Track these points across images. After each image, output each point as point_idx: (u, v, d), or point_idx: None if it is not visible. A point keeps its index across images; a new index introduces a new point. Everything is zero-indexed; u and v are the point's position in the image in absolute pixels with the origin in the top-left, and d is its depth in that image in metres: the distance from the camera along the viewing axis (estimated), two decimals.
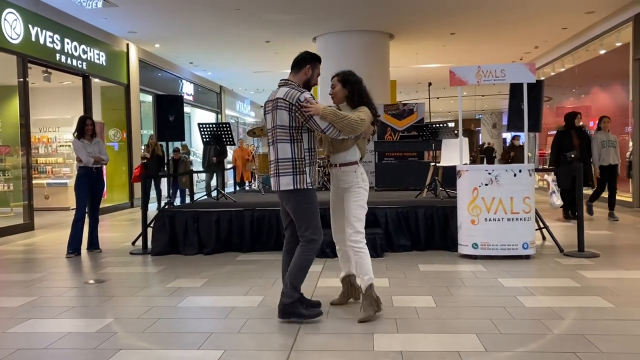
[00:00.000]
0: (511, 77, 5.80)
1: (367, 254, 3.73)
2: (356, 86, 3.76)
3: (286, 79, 3.72)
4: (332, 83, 3.83)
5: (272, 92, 3.74)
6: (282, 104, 3.56)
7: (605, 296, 4.15)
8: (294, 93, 3.56)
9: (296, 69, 3.71)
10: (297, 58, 3.74)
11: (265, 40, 12.94)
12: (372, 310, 3.66)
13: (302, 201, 3.61)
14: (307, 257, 3.63)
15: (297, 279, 3.63)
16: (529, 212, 5.58)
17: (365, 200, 3.79)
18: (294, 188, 3.58)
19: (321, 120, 3.51)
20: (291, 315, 3.61)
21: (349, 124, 3.53)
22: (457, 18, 11.29)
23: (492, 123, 32.22)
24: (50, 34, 9.73)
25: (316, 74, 3.76)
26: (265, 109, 3.78)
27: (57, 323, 3.82)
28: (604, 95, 12.71)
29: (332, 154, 3.80)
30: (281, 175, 3.60)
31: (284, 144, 3.59)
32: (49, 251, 6.94)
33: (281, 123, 3.58)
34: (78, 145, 6.47)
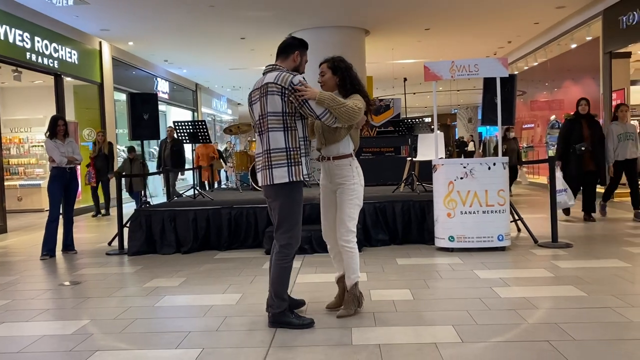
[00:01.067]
0: (484, 72, 5.87)
1: (357, 253, 3.63)
2: (347, 72, 3.55)
3: (273, 64, 3.43)
4: (322, 70, 3.59)
5: (256, 81, 3.46)
6: (274, 89, 3.26)
7: (578, 285, 4.24)
8: (285, 76, 3.28)
9: (283, 55, 3.46)
10: (284, 44, 3.48)
11: (241, 37, 12.86)
12: (353, 307, 3.64)
13: (293, 198, 3.37)
14: (285, 266, 3.43)
15: (281, 288, 3.43)
16: (503, 205, 5.66)
17: (361, 197, 3.62)
18: (289, 180, 3.29)
19: (317, 105, 3.26)
20: (281, 324, 3.44)
21: (347, 112, 3.30)
22: (432, 13, 11.37)
23: (467, 117, 32.57)
24: (20, 32, 9.51)
25: (304, 61, 3.52)
26: (251, 99, 3.48)
27: (31, 326, 3.75)
28: (576, 89, 12.95)
29: (323, 145, 3.56)
30: (274, 167, 3.29)
31: (277, 132, 3.28)
32: (23, 253, 6.82)
33: (273, 109, 3.28)
34: (51, 146, 6.36)
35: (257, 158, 3.46)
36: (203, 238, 6.38)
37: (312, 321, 3.49)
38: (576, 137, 7.49)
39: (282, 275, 3.44)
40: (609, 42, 10.28)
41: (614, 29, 10.01)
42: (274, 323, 3.46)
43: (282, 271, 3.43)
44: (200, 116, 19.69)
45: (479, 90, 6.90)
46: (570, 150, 7.46)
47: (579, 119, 7.67)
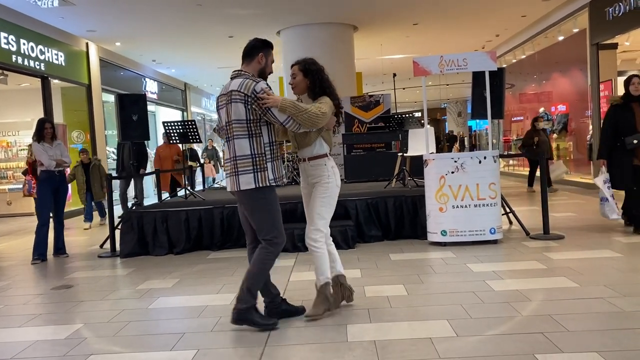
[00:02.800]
0: (473, 66, 5.89)
1: (324, 254, 3.56)
2: (318, 76, 3.54)
3: (239, 69, 3.45)
4: (293, 72, 3.60)
5: (223, 86, 3.47)
6: (237, 96, 3.29)
7: (570, 276, 4.27)
8: (248, 83, 3.29)
9: (248, 59, 3.45)
10: (247, 47, 3.47)
11: (229, 36, 12.80)
12: (322, 308, 3.54)
13: (264, 202, 3.36)
14: (268, 261, 3.39)
15: (255, 284, 3.39)
16: (494, 198, 5.68)
17: (334, 196, 3.57)
18: (255, 187, 3.31)
19: (280, 112, 3.27)
20: (244, 321, 3.36)
21: (309, 118, 3.31)
22: (419, 8, 11.38)
23: (457, 111, 32.70)
24: (5, 35, 9.41)
25: (270, 61, 3.51)
26: (218, 104, 3.51)
27: (23, 332, 3.72)
28: (564, 81, 13.03)
29: (297, 149, 3.61)
30: (240, 173, 3.32)
31: (242, 139, 3.32)
32: (14, 258, 6.76)
33: (237, 117, 3.31)
34: (38, 149, 6.30)
35: (225, 164, 3.48)
36: (195, 238, 6.36)
37: (276, 322, 3.44)
38: (626, 126, 5.74)
39: (262, 272, 3.40)
40: (596, 34, 10.35)
41: (601, 20, 10.08)
42: (237, 320, 3.36)
43: (263, 267, 3.39)
44: (190, 116, 19.60)
45: (469, 84, 6.92)
46: (618, 145, 5.78)
47: (629, 102, 5.85)
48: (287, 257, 5.66)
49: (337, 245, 5.81)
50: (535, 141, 10.21)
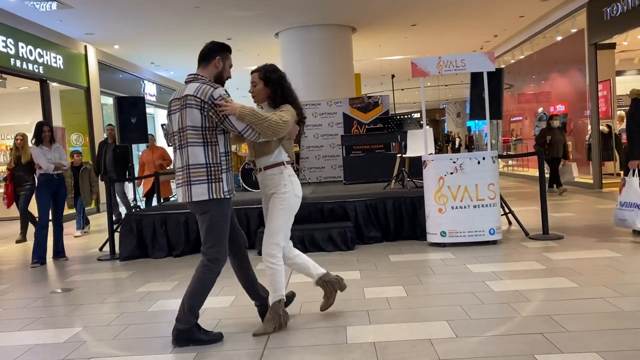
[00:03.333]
0: (471, 67, 5.89)
1: (281, 271, 3.38)
2: (279, 84, 3.39)
3: (194, 73, 3.28)
4: (253, 80, 3.42)
5: (177, 90, 3.31)
6: (193, 102, 3.11)
7: (570, 276, 4.27)
8: (205, 89, 3.12)
9: (204, 62, 3.29)
10: (204, 50, 3.32)
11: (227, 38, 12.79)
12: (272, 325, 3.37)
13: (216, 214, 3.19)
14: (210, 279, 3.25)
15: (197, 303, 3.24)
16: (494, 198, 5.68)
17: (293, 208, 3.40)
18: (209, 198, 3.14)
19: (238, 121, 3.10)
20: (188, 341, 3.22)
21: (270, 126, 3.14)
22: (418, 9, 11.40)
23: (456, 112, 32.72)
24: (3, 38, 9.41)
25: (228, 65, 3.35)
26: (170, 108, 3.29)
27: (23, 335, 3.72)
28: (563, 81, 13.03)
29: (254, 157, 3.42)
30: (193, 183, 3.13)
31: (196, 147, 3.12)
32: (13, 262, 6.75)
33: (192, 123, 3.12)
34: (37, 153, 6.31)
35: (177, 173, 3.27)
36: (195, 241, 6.35)
37: (221, 336, 3.33)
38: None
39: (203, 289, 3.25)
40: (594, 34, 10.36)
41: (599, 20, 10.09)
42: (179, 340, 3.23)
43: (204, 284, 3.24)
44: None
45: (467, 84, 6.92)
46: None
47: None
48: None
49: (336, 247, 5.90)
50: (548, 140, 9.98)
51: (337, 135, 10.24)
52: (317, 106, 10.52)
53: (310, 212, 6.38)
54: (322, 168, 10.44)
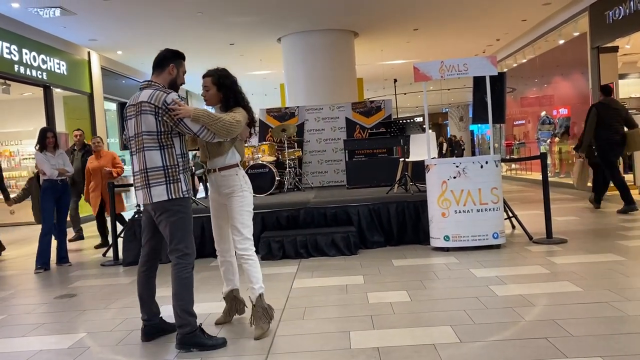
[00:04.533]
0: (474, 71, 5.89)
1: (257, 262, 3.50)
2: (231, 89, 3.49)
3: (149, 80, 3.37)
4: (205, 84, 3.51)
5: (132, 96, 3.39)
6: (147, 108, 3.20)
7: (574, 281, 4.25)
8: (159, 94, 3.22)
9: (159, 70, 3.39)
10: (158, 57, 3.42)
11: (230, 43, 12.86)
12: (265, 324, 3.46)
13: (179, 212, 3.28)
14: (187, 276, 3.31)
15: (187, 302, 3.29)
16: (497, 202, 5.67)
17: (251, 204, 3.54)
18: (168, 198, 3.24)
19: (193, 122, 3.22)
20: (192, 345, 3.25)
21: (224, 126, 3.26)
22: (419, 14, 11.42)
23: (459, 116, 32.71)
24: (7, 45, 9.47)
25: (182, 72, 3.46)
26: (126, 114, 3.38)
27: (27, 341, 3.72)
28: (565, 84, 13.03)
29: (208, 159, 3.51)
30: (152, 185, 3.24)
31: (152, 151, 3.23)
32: (17, 267, 6.77)
33: (147, 129, 3.21)
34: (41, 159, 6.33)
35: (135, 176, 3.36)
36: (198, 246, 6.32)
37: (224, 341, 3.34)
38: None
39: (185, 288, 3.30)
40: (596, 37, 10.36)
41: (601, 24, 10.09)
42: (183, 344, 3.25)
43: (183, 283, 3.29)
44: None
45: (470, 88, 6.92)
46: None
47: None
48: (289, 264, 5.66)
49: (339, 252, 5.89)
50: None
51: (339, 140, 10.24)
52: (319, 111, 10.54)
53: (314, 216, 6.39)
54: (324, 172, 10.44)
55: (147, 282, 3.54)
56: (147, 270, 3.54)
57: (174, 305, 3.29)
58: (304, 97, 12.14)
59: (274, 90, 16.83)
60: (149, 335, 3.52)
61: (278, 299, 4.29)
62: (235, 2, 9.78)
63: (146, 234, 3.52)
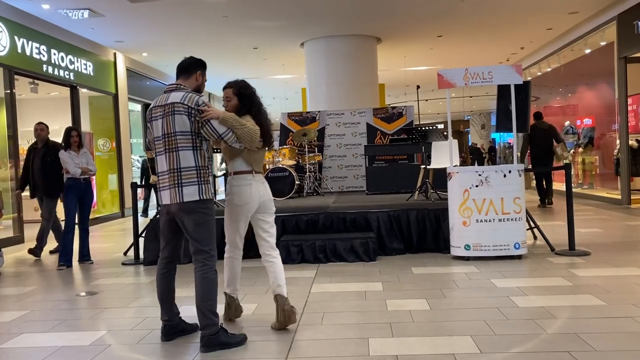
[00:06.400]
0: (498, 79, 5.84)
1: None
2: (252, 99, 3.64)
3: (176, 83, 3.48)
4: (227, 95, 3.66)
5: (157, 98, 3.46)
6: (181, 108, 3.29)
7: (597, 294, 4.18)
8: (192, 96, 3.33)
9: (185, 75, 3.50)
10: (185, 63, 3.54)
11: (254, 47, 12.95)
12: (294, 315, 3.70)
13: (206, 214, 3.36)
14: (212, 277, 3.36)
15: (213, 303, 3.34)
16: (519, 212, 5.61)
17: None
18: (199, 198, 3.30)
19: (220, 125, 3.32)
20: (217, 346, 3.30)
21: (248, 133, 3.38)
22: (444, 21, 11.37)
23: (480, 124, 32.42)
24: (37, 45, 9.67)
25: (204, 80, 3.60)
26: (152, 115, 3.43)
27: (49, 337, 3.78)
28: (590, 94, 12.85)
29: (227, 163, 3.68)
30: (184, 185, 3.29)
31: (186, 151, 3.30)
32: (40, 264, 6.88)
33: (181, 129, 3.29)
34: (65, 157, 6.43)
35: (161, 177, 3.39)
36: (218, 247, 6.36)
37: (245, 337, 3.44)
38: None
39: (211, 288, 3.35)
40: (624, 47, 10.19)
41: (629, 33, 9.93)
42: (208, 347, 3.29)
43: (209, 283, 3.34)
44: None
45: (492, 96, 6.87)
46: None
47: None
48: (308, 269, 5.67)
49: (358, 257, 5.88)
50: None
51: (360, 145, 10.22)
52: (340, 116, 10.55)
53: (333, 221, 6.38)
54: (344, 178, 10.43)
55: (167, 283, 3.58)
56: (167, 272, 3.58)
57: (198, 305, 3.31)
58: (326, 101, 12.16)
59: (295, 94, 16.89)
60: (169, 335, 3.57)
61: (296, 303, 4.28)
62: (260, 7, 9.85)
63: (166, 236, 3.55)
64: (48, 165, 6.93)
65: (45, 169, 6.99)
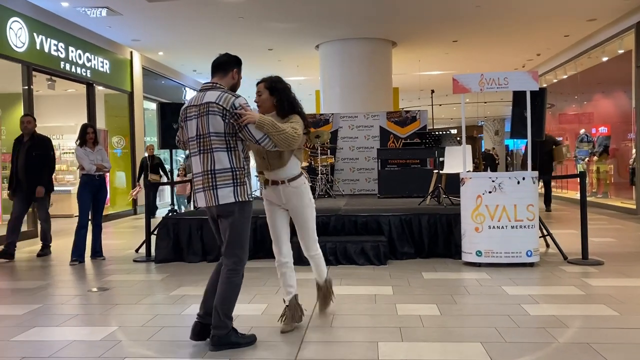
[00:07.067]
0: (514, 85, 5.81)
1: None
2: (285, 93, 3.52)
3: (212, 81, 3.39)
4: (258, 90, 3.57)
5: (192, 97, 3.40)
6: (215, 109, 3.21)
7: (610, 304, 4.14)
8: (227, 97, 3.23)
9: (221, 73, 3.41)
10: (222, 60, 3.44)
11: (269, 48, 12.99)
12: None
13: (242, 216, 3.30)
14: (236, 282, 3.33)
15: (231, 307, 3.33)
16: (532, 220, 5.57)
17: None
18: (235, 200, 3.25)
19: (257, 130, 3.21)
20: (226, 346, 3.29)
21: (286, 139, 3.26)
22: (460, 26, 11.33)
23: (494, 130, 32.22)
24: (55, 42, 9.78)
25: (239, 78, 3.50)
26: (186, 114, 3.37)
27: (61, 331, 3.82)
28: (607, 102, 12.72)
29: (268, 169, 3.55)
30: (219, 187, 3.23)
31: (220, 152, 3.23)
32: (53, 258, 6.95)
33: (215, 130, 3.22)
34: (80, 153, 6.50)
35: (196, 178, 3.34)
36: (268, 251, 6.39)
37: (255, 337, 3.43)
38: None
39: (233, 293, 3.33)
40: None
41: None
42: (219, 345, 3.28)
43: (233, 288, 3.32)
44: None
45: (506, 102, 6.83)
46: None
47: None
48: None
49: (368, 261, 5.87)
50: None
51: (372, 149, 10.23)
52: (354, 119, 10.55)
53: (344, 224, 6.37)
54: (356, 180, 10.44)
55: (217, 278, 3.48)
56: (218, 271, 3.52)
57: (216, 306, 3.28)
58: (339, 104, 12.16)
59: (308, 96, 16.91)
60: (199, 335, 3.41)
61: (307, 304, 4.28)
62: (276, 9, 9.89)
63: (219, 236, 3.46)
64: (33, 160, 6.65)
65: (30, 164, 6.67)
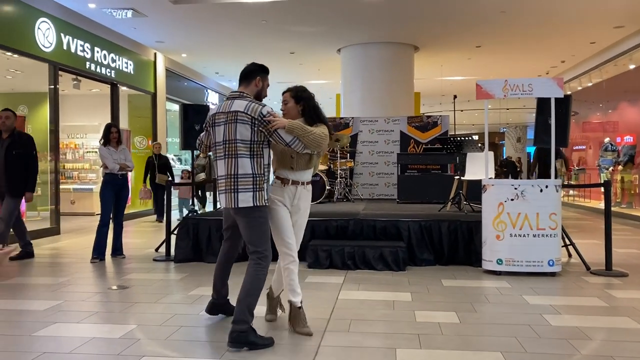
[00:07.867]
0: (538, 92, 5.73)
1: None
2: (310, 102, 3.69)
3: (239, 91, 3.60)
4: (284, 99, 3.74)
5: (221, 104, 3.58)
6: (244, 118, 3.41)
7: (635, 317, 4.04)
8: (255, 106, 3.43)
9: (246, 81, 3.62)
10: (246, 70, 3.64)
11: (290, 52, 13.05)
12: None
13: (260, 217, 3.50)
14: (262, 277, 3.47)
15: (253, 302, 3.43)
16: (555, 229, 5.48)
17: None
18: (253, 205, 3.43)
19: (286, 133, 3.42)
20: (244, 344, 3.34)
21: (315, 139, 3.47)
22: (483, 31, 11.24)
23: (516, 137, 31.85)
24: (81, 43, 9.94)
25: (266, 85, 3.67)
26: (214, 120, 3.56)
27: (81, 328, 3.86)
28: (633, 111, 12.49)
29: (292, 170, 3.66)
30: (240, 191, 3.43)
31: (244, 158, 3.43)
32: (74, 256, 7.05)
33: (242, 137, 3.42)
34: (104, 152, 6.58)
35: (219, 180, 3.54)
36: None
37: (273, 340, 3.46)
38: None
39: (258, 287, 3.48)
40: None
41: None
42: (237, 343, 3.34)
43: (258, 282, 3.47)
44: None
45: (529, 109, 6.76)
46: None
47: None
48: (336, 275, 5.65)
49: (387, 266, 5.84)
50: None
51: (392, 153, 10.18)
52: (374, 123, 10.52)
53: (363, 228, 6.35)
54: (375, 185, 10.40)
55: (224, 267, 3.93)
56: (226, 261, 3.94)
57: (240, 299, 3.42)
58: (360, 108, 12.14)
59: (329, 100, 16.94)
60: (211, 311, 4.00)
61: (324, 308, 4.28)
62: (299, 12, 9.92)
63: (227, 232, 3.85)
64: (13, 159, 6.27)
65: (9, 163, 6.28)
